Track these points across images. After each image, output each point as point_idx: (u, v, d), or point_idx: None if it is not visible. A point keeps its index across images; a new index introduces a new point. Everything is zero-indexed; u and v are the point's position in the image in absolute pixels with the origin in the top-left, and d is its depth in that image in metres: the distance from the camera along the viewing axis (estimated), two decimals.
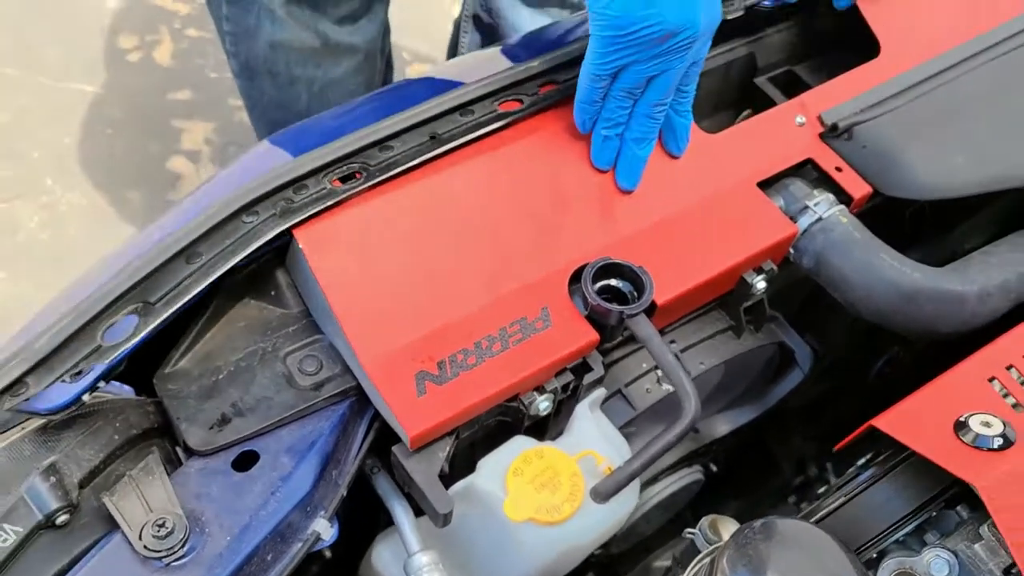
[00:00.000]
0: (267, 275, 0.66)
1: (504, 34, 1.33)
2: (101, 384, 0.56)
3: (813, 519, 0.62)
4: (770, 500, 1.02)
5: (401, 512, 0.63)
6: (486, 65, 0.77)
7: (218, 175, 0.71)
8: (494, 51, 0.83)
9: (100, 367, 0.55)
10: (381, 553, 0.67)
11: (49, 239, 1.67)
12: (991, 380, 0.58)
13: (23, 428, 0.55)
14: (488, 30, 1.36)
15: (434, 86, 0.78)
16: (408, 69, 2.04)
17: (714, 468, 0.90)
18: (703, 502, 0.91)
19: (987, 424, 0.55)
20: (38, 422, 0.56)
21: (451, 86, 0.75)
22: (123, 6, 2.02)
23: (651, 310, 0.65)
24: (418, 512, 0.63)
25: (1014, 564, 0.52)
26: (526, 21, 1.30)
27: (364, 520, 0.71)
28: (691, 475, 0.86)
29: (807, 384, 0.85)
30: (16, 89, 1.85)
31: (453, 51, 1.45)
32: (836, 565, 0.50)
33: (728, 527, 0.66)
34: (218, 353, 0.62)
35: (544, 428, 0.67)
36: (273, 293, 0.66)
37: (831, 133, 0.78)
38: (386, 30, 1.43)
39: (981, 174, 0.76)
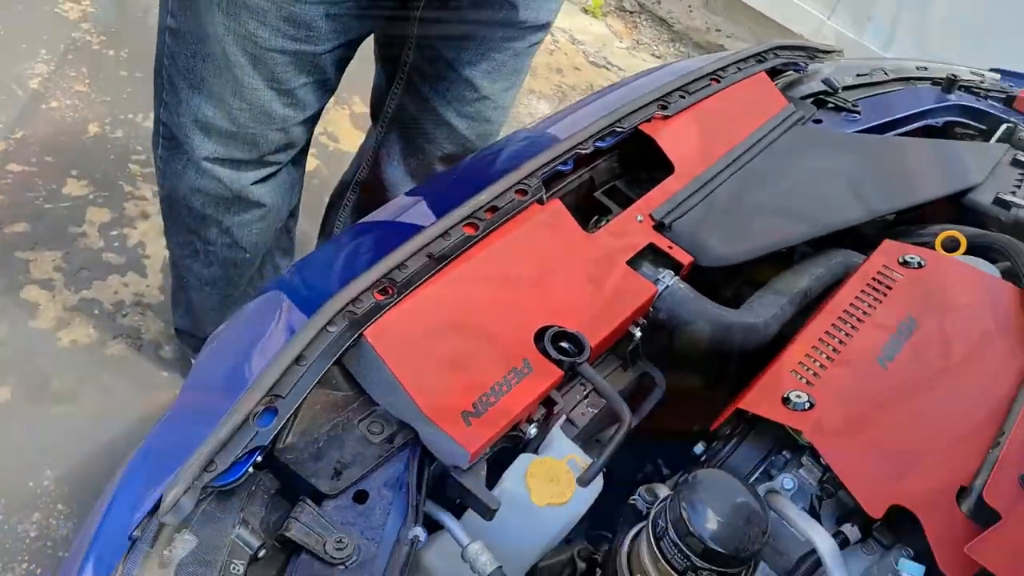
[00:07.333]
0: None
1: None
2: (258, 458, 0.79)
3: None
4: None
5: (448, 519, 0.90)
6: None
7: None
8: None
9: (258, 448, 0.78)
10: (430, 558, 0.92)
11: None
12: (793, 372, 0.99)
13: (204, 499, 0.77)
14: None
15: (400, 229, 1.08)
16: None
17: None
18: None
19: (799, 396, 0.95)
20: (214, 493, 0.77)
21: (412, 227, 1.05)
22: None
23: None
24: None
25: (827, 470, 0.92)
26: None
27: None
28: None
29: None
30: None
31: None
32: (743, 492, 0.85)
33: (661, 490, 0.99)
34: (311, 429, 0.86)
35: (527, 447, 0.98)
36: (334, 382, 0.91)
37: (660, 226, 1.17)
38: (298, 185, 1.62)
39: (758, 242, 1.19)
